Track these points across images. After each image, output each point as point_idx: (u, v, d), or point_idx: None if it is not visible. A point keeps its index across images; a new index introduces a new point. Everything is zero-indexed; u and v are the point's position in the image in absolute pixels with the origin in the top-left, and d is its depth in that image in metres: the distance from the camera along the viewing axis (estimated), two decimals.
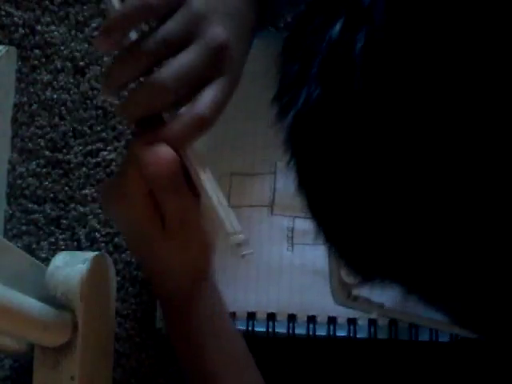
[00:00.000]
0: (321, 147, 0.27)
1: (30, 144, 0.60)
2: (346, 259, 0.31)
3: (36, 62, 0.61)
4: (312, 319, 0.54)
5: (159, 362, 0.56)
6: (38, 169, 0.59)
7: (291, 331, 0.54)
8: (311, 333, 0.54)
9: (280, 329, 0.54)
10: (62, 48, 0.61)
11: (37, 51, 0.61)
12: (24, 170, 0.59)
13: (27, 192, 0.59)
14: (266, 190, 0.56)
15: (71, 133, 0.60)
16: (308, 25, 0.27)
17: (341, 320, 0.54)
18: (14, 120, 0.60)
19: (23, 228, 0.59)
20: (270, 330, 0.54)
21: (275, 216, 0.56)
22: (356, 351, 0.55)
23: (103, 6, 0.44)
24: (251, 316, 0.54)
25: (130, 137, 0.59)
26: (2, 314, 0.41)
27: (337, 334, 0.54)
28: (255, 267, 0.55)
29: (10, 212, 0.59)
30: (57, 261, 0.51)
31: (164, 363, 0.56)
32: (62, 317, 0.48)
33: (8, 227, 0.59)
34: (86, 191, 0.59)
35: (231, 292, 0.52)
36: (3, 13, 0.62)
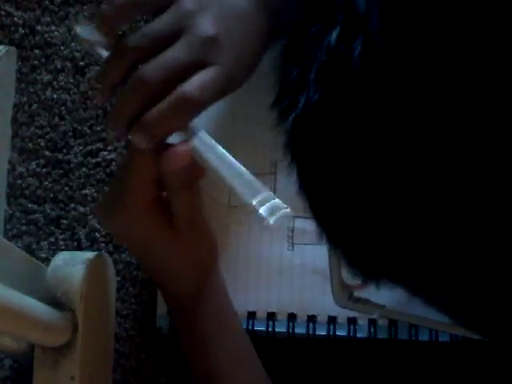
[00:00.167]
0: (321, 151, 0.28)
1: (30, 144, 0.60)
2: (349, 260, 0.31)
3: (36, 62, 0.61)
4: (312, 319, 0.54)
5: (159, 362, 0.56)
6: (38, 169, 0.59)
7: (291, 330, 0.54)
8: (311, 332, 0.54)
9: (280, 328, 0.54)
10: (62, 48, 0.61)
11: (37, 51, 0.61)
12: (24, 170, 0.59)
13: (27, 192, 0.59)
14: None
15: (71, 133, 0.60)
16: (306, 31, 0.28)
17: (341, 320, 0.54)
18: (14, 120, 0.60)
19: (23, 228, 0.59)
20: (270, 330, 0.54)
21: None
22: (356, 351, 0.55)
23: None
24: (251, 315, 0.54)
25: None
26: (2, 314, 0.41)
27: (337, 334, 0.54)
28: (255, 267, 0.55)
29: (10, 212, 0.59)
30: (57, 261, 0.51)
31: (164, 363, 0.56)
32: (62, 317, 0.48)
33: (8, 227, 0.59)
34: (86, 191, 0.59)
35: (231, 291, 0.52)
36: (3, 13, 0.62)
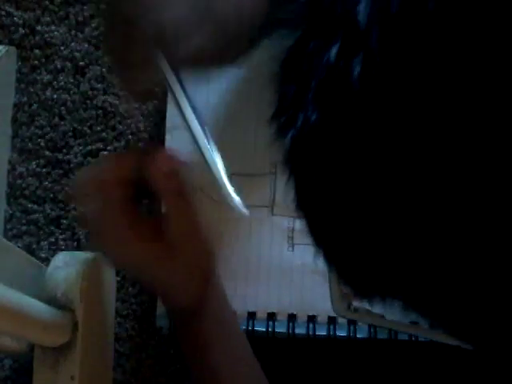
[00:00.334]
0: (319, 170, 0.27)
1: (30, 144, 0.60)
2: (345, 279, 0.31)
3: (36, 62, 0.61)
4: (312, 319, 0.54)
5: (159, 362, 0.56)
6: (38, 169, 0.59)
7: (291, 331, 0.54)
8: (311, 332, 0.54)
9: (280, 328, 0.54)
10: (62, 48, 0.61)
11: (37, 51, 0.61)
12: (24, 170, 0.59)
13: (27, 192, 0.59)
14: (267, 191, 0.56)
15: (71, 133, 0.60)
16: (305, 48, 0.27)
17: (341, 320, 0.54)
18: (14, 120, 0.60)
19: (23, 228, 0.59)
20: (270, 330, 0.54)
21: (275, 216, 0.56)
22: (356, 351, 0.55)
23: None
24: (251, 315, 0.54)
25: (130, 137, 0.59)
26: (2, 314, 0.41)
27: (337, 334, 0.54)
28: (255, 267, 0.55)
29: (10, 212, 0.59)
30: (57, 261, 0.51)
31: (164, 363, 0.56)
32: (62, 317, 0.48)
33: (8, 227, 0.59)
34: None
35: (231, 291, 0.52)
36: (3, 13, 0.62)
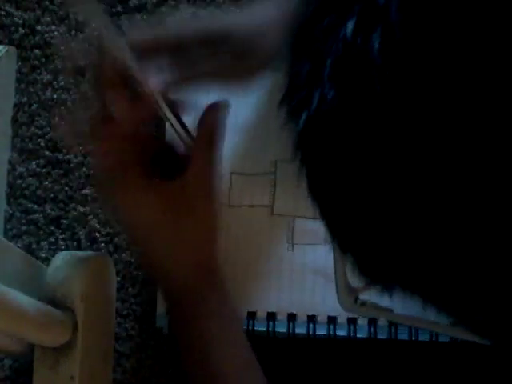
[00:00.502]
0: (334, 153, 0.26)
1: (30, 144, 0.60)
2: (360, 268, 0.29)
3: (36, 62, 0.61)
4: (312, 319, 0.54)
5: (159, 362, 0.56)
6: (38, 169, 0.59)
7: (291, 331, 0.54)
8: (311, 332, 0.54)
9: (280, 328, 0.54)
10: (62, 48, 0.61)
11: (37, 51, 0.61)
12: (24, 170, 0.59)
13: (27, 192, 0.59)
14: (266, 190, 0.56)
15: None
16: (318, 24, 0.26)
17: (341, 320, 0.54)
18: (14, 120, 0.60)
19: (23, 228, 0.59)
20: (270, 330, 0.54)
21: (275, 216, 0.56)
22: (356, 351, 0.55)
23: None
24: (251, 315, 0.54)
25: None
26: (2, 314, 0.41)
27: (337, 334, 0.54)
28: (255, 267, 0.55)
29: (10, 212, 0.59)
30: (57, 261, 0.51)
31: (164, 363, 0.56)
32: (62, 317, 0.48)
33: (8, 227, 0.59)
34: (86, 191, 0.59)
35: (231, 291, 0.52)
36: (3, 13, 0.62)
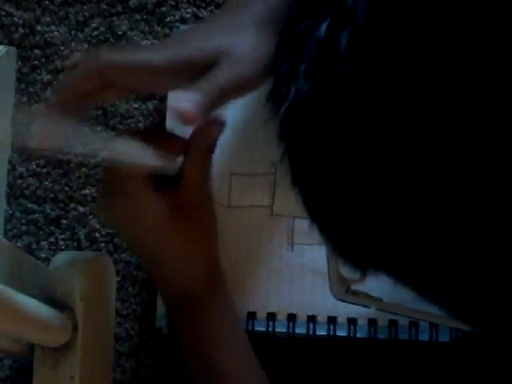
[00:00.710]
0: (312, 141, 0.29)
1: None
2: (339, 251, 0.32)
3: (36, 62, 0.61)
4: (312, 319, 0.54)
5: (159, 362, 0.56)
6: (38, 169, 0.59)
7: (291, 331, 0.54)
8: (311, 332, 0.54)
9: (280, 328, 0.54)
10: (62, 48, 0.61)
11: (37, 51, 0.61)
12: (24, 170, 0.59)
13: (27, 192, 0.59)
14: (266, 190, 0.56)
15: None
16: (298, 26, 0.29)
17: (341, 320, 0.54)
18: (14, 120, 0.60)
19: (23, 228, 0.59)
20: (270, 330, 0.54)
21: (275, 216, 0.56)
22: (356, 351, 0.55)
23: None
24: (251, 315, 0.54)
25: None
26: (2, 314, 0.41)
27: (337, 334, 0.54)
28: (255, 267, 0.55)
29: (10, 212, 0.59)
30: (57, 261, 0.51)
31: (164, 363, 0.56)
32: (62, 317, 0.48)
33: (8, 227, 0.59)
34: (86, 191, 0.59)
35: (231, 292, 0.52)
36: (3, 13, 0.62)
